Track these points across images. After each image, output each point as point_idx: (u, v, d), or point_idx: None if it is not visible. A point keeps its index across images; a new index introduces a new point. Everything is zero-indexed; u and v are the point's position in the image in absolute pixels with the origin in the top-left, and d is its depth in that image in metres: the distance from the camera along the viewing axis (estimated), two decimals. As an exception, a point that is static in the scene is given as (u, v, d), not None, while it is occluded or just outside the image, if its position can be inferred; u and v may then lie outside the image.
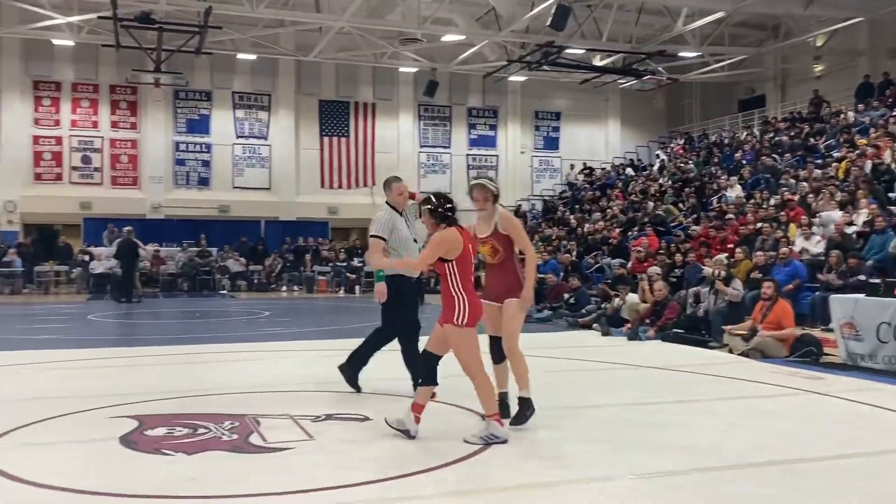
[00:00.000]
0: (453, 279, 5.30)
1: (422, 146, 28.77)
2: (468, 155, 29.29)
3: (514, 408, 5.81)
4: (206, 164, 26.43)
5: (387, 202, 6.99)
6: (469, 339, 5.29)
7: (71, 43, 23.52)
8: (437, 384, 5.52)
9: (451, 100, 28.84)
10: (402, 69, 27.11)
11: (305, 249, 25.08)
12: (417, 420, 5.36)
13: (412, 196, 6.94)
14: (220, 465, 4.86)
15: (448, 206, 5.36)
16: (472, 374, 5.33)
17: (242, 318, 15.81)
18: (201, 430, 5.68)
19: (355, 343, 7.00)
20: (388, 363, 7.18)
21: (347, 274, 23.93)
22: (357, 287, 23.31)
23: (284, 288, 23.71)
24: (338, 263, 24.37)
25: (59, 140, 25.04)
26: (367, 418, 6.07)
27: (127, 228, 20.71)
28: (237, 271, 24.17)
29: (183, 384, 7.50)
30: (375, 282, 6.73)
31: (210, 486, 4.44)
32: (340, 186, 27.27)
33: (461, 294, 5.28)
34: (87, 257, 22.78)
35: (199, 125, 26.39)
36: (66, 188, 24.93)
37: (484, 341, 5.62)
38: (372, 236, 6.72)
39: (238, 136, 26.75)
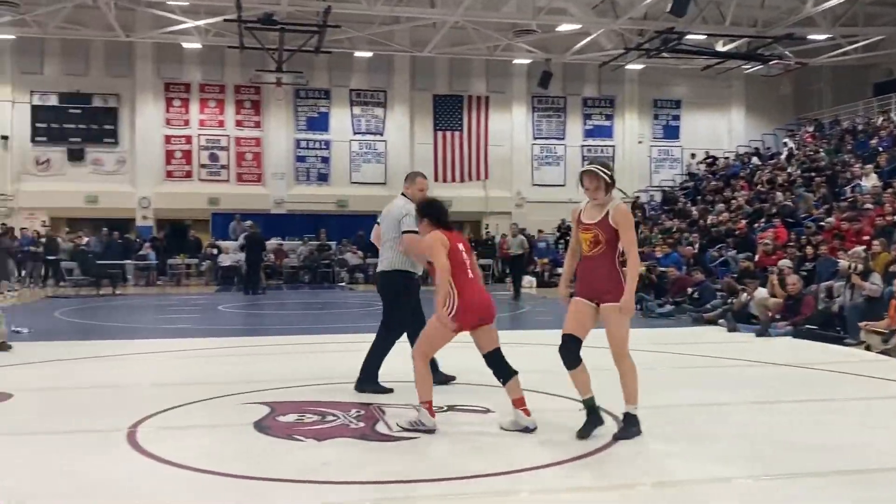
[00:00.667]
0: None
1: (535, 138, 28.55)
2: (583, 146, 28.83)
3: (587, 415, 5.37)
4: (325, 160, 27.15)
5: (403, 194, 6.94)
6: (440, 331, 5.42)
7: (199, 46, 24.64)
8: (515, 373, 5.47)
9: (566, 90, 28.46)
10: (515, 61, 26.98)
11: (421, 243, 25.34)
12: (527, 412, 5.40)
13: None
14: (350, 451, 4.97)
15: (438, 210, 5.70)
16: (416, 357, 5.50)
17: (361, 310, 16.15)
18: (329, 418, 5.82)
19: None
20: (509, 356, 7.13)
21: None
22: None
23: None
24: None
25: (188, 139, 26.31)
26: (488, 410, 6.06)
27: (248, 223, 21.54)
28: (355, 264, 24.71)
29: (309, 372, 7.70)
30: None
31: (342, 471, 4.54)
32: (454, 180, 27.43)
33: (454, 291, 5.36)
34: (215, 251, 23.85)
35: (319, 123, 27.14)
36: (196, 185, 26.16)
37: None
38: (408, 232, 6.52)
39: (355, 133, 27.34)
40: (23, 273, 21.69)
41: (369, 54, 25.74)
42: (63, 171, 25.44)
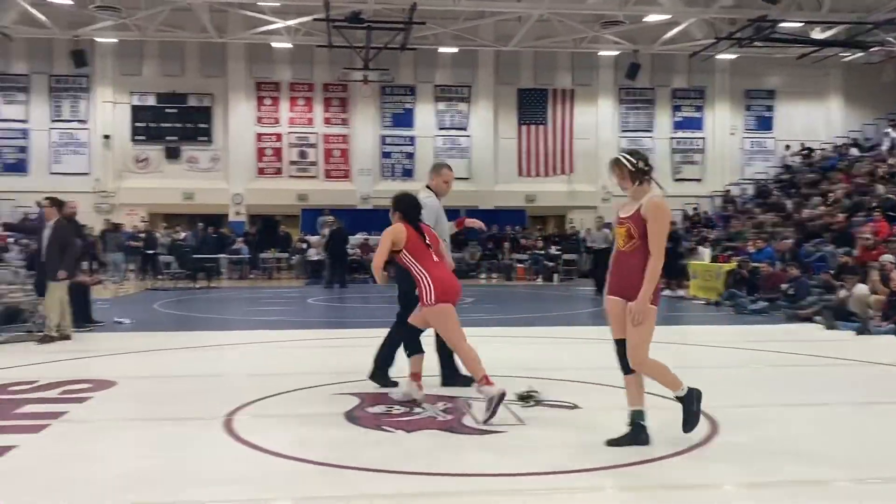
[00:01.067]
0: (412, 264, 5.91)
1: (622, 131, 28.06)
2: (672, 138, 28.19)
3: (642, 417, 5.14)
4: (410, 156, 27.39)
5: (428, 186, 6.85)
6: (441, 315, 5.81)
7: (289, 45, 25.23)
8: (423, 352, 6.18)
9: (654, 82, 27.86)
10: (601, 53, 26.59)
11: (504, 238, 25.33)
12: (420, 387, 6.10)
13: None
14: (438, 443, 5.03)
15: (407, 205, 6.12)
16: (455, 346, 5.87)
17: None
18: (417, 410, 5.89)
19: (561, 330, 6.91)
20: (593, 353, 7.05)
21: (545, 262, 23.92)
22: (555, 275, 23.23)
23: (483, 275, 24.09)
24: (535, 251, 24.40)
25: (278, 137, 26.98)
26: (575, 406, 6.01)
27: (329, 218, 21.90)
28: (442, 258, 24.84)
29: (395, 365, 7.78)
30: None
31: (430, 462, 4.59)
32: (538, 174, 27.26)
33: (423, 274, 5.83)
34: (304, 245, 24.40)
35: (404, 119, 27.40)
36: (286, 181, 26.81)
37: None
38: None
39: (439, 128, 27.49)
40: (128, 267, 22.69)
41: (454, 50, 25.83)
42: (161, 169, 26.49)
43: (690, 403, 4.88)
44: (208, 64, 26.40)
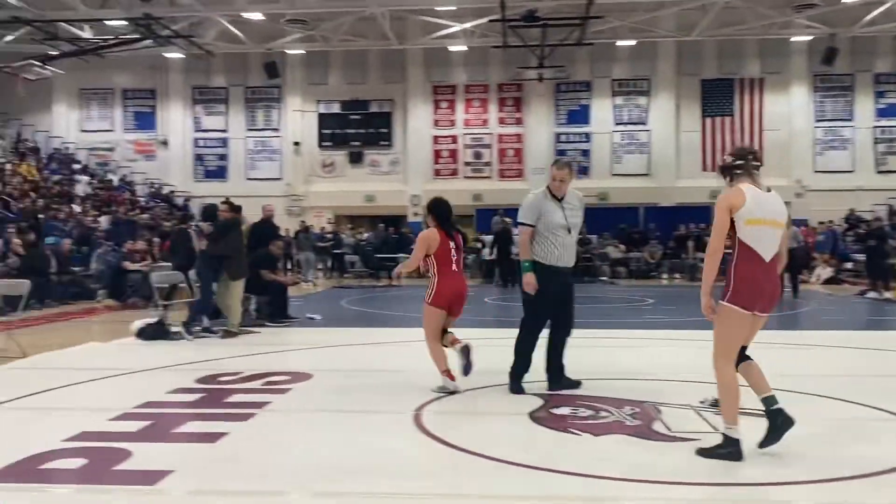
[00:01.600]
0: (432, 268, 6.62)
1: (818, 121, 26.16)
2: (875, 127, 25.93)
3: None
4: (586, 153, 26.99)
5: (548, 186, 6.59)
6: (430, 314, 6.61)
7: (464, 48, 25.62)
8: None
9: (854, 67, 25.74)
10: (793, 38, 24.93)
11: (687, 236, 24.35)
12: (451, 377, 6.48)
13: None
14: (628, 448, 4.87)
15: (442, 210, 6.75)
16: (428, 342, 6.66)
17: (625, 305, 15.85)
18: (603, 413, 5.75)
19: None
20: (786, 358, 6.59)
21: (732, 261, 22.69)
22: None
23: (665, 275, 23.29)
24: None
25: (454, 139, 27.50)
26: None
27: (495, 218, 21.96)
28: (616, 258, 24.32)
29: (576, 367, 7.65)
30: (521, 273, 6.48)
31: (621, 467, 4.45)
32: (724, 169, 25.95)
33: (436, 278, 6.59)
34: (479, 245, 24.68)
35: (579, 115, 27.05)
36: (461, 182, 27.25)
37: None
38: (518, 223, 6.57)
39: (616, 124, 26.90)
40: (318, 266, 23.97)
41: (632, 42, 25.17)
42: (345, 173, 27.78)
43: (720, 448, 4.59)
44: (389, 70, 27.37)
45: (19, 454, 4.69)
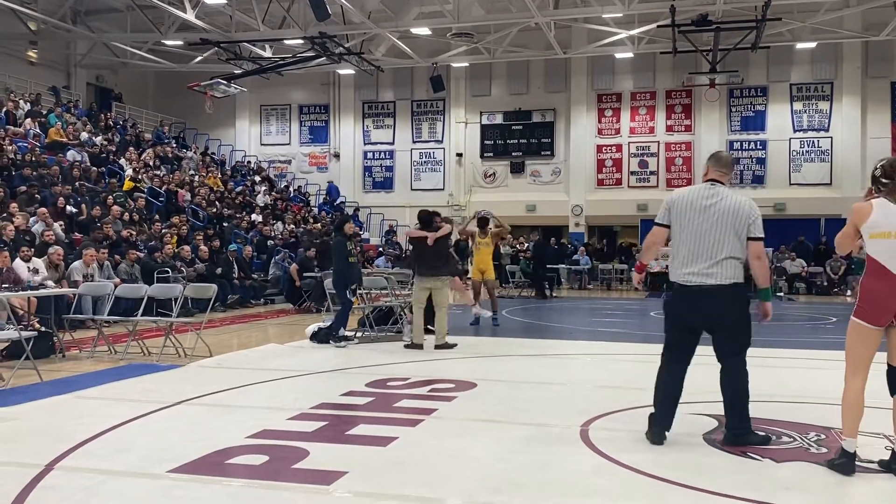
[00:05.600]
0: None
1: None
2: None
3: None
4: (761, 161, 25.65)
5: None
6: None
7: (630, 55, 25.06)
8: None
9: None
10: None
11: (874, 250, 22.53)
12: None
13: None
14: (814, 478, 4.53)
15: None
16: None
17: (805, 323, 14.85)
18: (785, 438, 5.41)
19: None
20: None
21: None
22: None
23: (849, 292, 21.64)
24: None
25: (618, 147, 26.94)
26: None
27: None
28: (794, 272, 22.89)
29: (759, 388, 7.19)
30: (764, 300, 5.39)
31: (806, 497, 4.15)
32: (917, 178, 23.82)
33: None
34: (647, 257, 23.96)
35: (754, 122, 25.75)
36: (625, 192, 26.65)
37: None
38: (760, 238, 5.30)
39: (795, 130, 25.36)
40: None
41: (813, 45, 23.66)
42: (506, 183, 27.91)
43: (835, 460, 4.61)
44: (551, 80, 27.26)
45: (207, 448, 5.02)
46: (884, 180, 4.62)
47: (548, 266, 21.13)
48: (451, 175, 28.40)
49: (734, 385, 5.27)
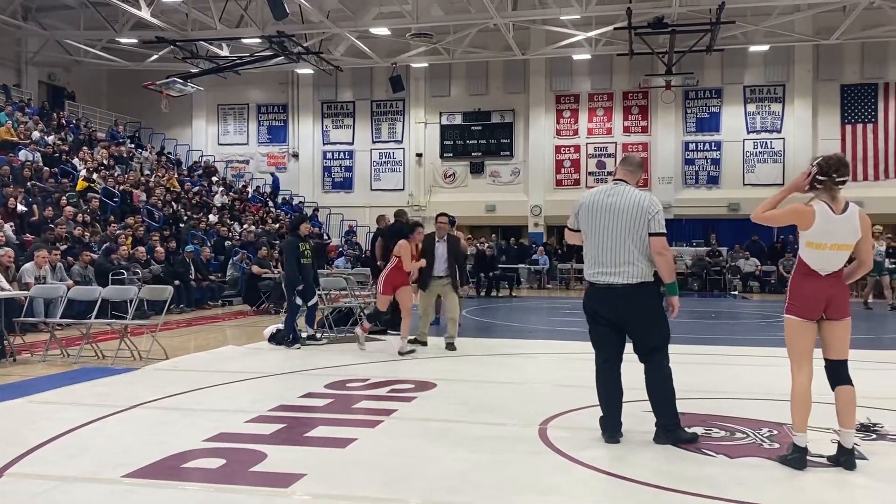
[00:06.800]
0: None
1: (972, 127, 24.30)
2: None
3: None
4: (716, 162, 26.09)
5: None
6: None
7: (588, 56, 25.31)
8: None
9: None
10: (945, 39, 23.27)
11: (824, 249, 23.06)
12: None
13: None
14: (767, 473, 4.63)
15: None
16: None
17: (759, 321, 15.15)
18: (739, 435, 5.52)
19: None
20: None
21: (877, 277, 21.29)
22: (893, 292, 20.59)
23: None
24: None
25: (577, 148, 27.18)
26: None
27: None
28: (749, 272, 23.33)
29: (707, 384, 7.37)
30: (670, 294, 5.33)
31: (758, 493, 4.24)
32: (866, 178, 24.48)
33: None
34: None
35: (709, 123, 26.19)
36: (583, 192, 26.08)
37: None
38: (662, 234, 5.22)
39: (749, 132, 25.85)
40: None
41: (765, 48, 24.15)
42: (466, 184, 27.98)
43: (787, 455, 4.76)
44: (510, 81, 27.40)
45: (162, 452, 4.96)
46: (820, 177, 4.73)
47: (506, 266, 21.24)
48: (411, 175, 28.38)
49: (657, 383, 5.31)
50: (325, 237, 25.08)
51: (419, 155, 28.19)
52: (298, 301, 10.31)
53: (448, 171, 28.19)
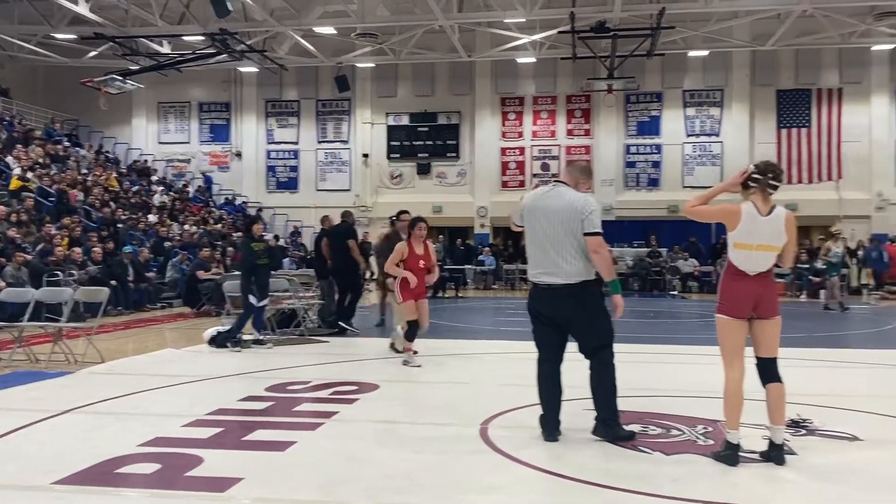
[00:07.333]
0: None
1: (901, 131, 25.24)
2: (964, 138, 24.89)
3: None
4: (656, 164, 26.59)
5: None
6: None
7: (532, 60, 25.54)
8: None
9: (941, 75, 24.79)
10: (875, 48, 24.09)
11: (760, 250, 23.70)
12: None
13: None
14: (701, 469, 4.73)
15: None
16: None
17: (698, 320, 15.48)
18: (675, 432, 5.62)
19: (833, 353, 6.19)
20: (876, 379, 6.32)
21: (810, 277, 22.02)
22: (822, 291, 21.29)
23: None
24: (799, 266, 22.54)
25: (521, 150, 27.41)
26: (855, 438, 5.42)
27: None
28: (687, 272, 23.83)
29: (647, 383, 7.50)
30: (612, 293, 5.37)
31: (693, 489, 4.34)
32: (800, 181, 25.22)
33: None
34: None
35: (649, 127, 26.65)
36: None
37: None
38: (599, 233, 5.32)
39: (688, 135, 26.40)
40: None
41: (705, 53, 24.71)
42: (412, 184, 27.96)
43: (720, 452, 4.90)
44: (457, 82, 27.49)
45: (95, 458, 4.84)
46: (756, 175, 4.86)
47: (453, 267, 21.29)
48: (358, 176, 28.24)
49: (601, 381, 5.39)
50: (277, 239, 24.75)
51: (366, 155, 28.07)
52: (253, 300, 10.17)
53: (395, 171, 28.14)
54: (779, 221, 4.84)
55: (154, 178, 26.71)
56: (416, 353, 8.79)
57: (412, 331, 8.72)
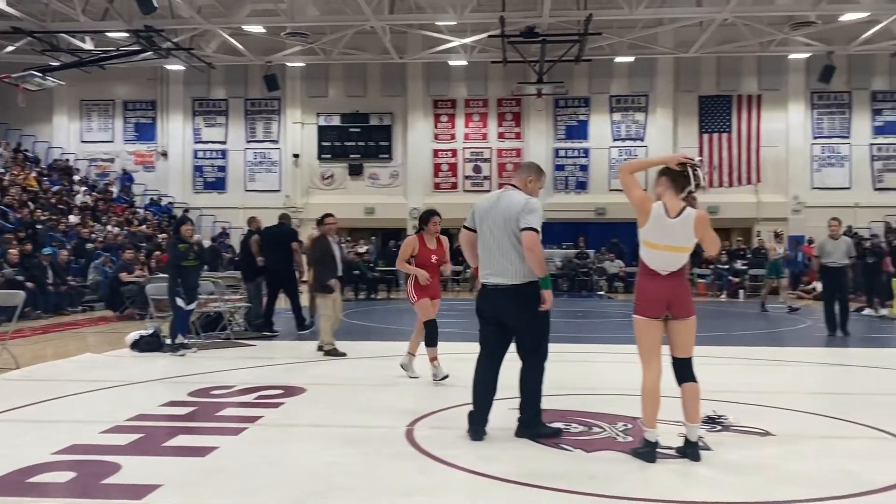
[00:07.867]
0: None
1: (815, 137, 26.27)
2: (872, 144, 26.03)
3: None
4: (584, 168, 27.07)
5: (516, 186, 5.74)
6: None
7: (464, 63, 25.72)
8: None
9: (851, 84, 25.88)
10: (791, 56, 25.07)
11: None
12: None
13: None
14: (619, 466, 4.85)
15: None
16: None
17: (623, 320, 15.81)
18: (596, 429, 5.75)
19: (749, 351, 6.39)
20: (787, 377, 6.58)
21: (730, 277, 22.78)
22: (741, 291, 22.08)
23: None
24: (719, 266, 23.28)
25: (454, 152, 27.56)
26: (767, 433, 5.64)
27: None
28: (613, 273, 24.33)
29: (571, 382, 7.65)
30: (542, 288, 5.42)
31: (611, 486, 4.44)
32: (721, 185, 26.04)
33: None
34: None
35: (578, 131, 27.13)
36: (460, 195, 27.21)
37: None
38: (535, 229, 5.28)
39: (615, 139, 26.98)
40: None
41: (631, 59, 25.27)
42: (344, 185, 27.81)
43: (639, 449, 4.99)
44: (389, 84, 27.46)
45: (7, 467, 4.68)
46: (695, 167, 4.99)
47: (385, 269, 21.27)
48: (288, 176, 27.93)
49: (530, 381, 5.53)
50: (214, 241, 24.24)
51: (296, 156, 27.78)
52: (181, 303, 9.95)
53: (326, 172, 27.92)
54: (688, 224, 4.91)
55: (76, 177, 25.89)
56: (435, 360, 7.98)
57: (431, 333, 7.90)
